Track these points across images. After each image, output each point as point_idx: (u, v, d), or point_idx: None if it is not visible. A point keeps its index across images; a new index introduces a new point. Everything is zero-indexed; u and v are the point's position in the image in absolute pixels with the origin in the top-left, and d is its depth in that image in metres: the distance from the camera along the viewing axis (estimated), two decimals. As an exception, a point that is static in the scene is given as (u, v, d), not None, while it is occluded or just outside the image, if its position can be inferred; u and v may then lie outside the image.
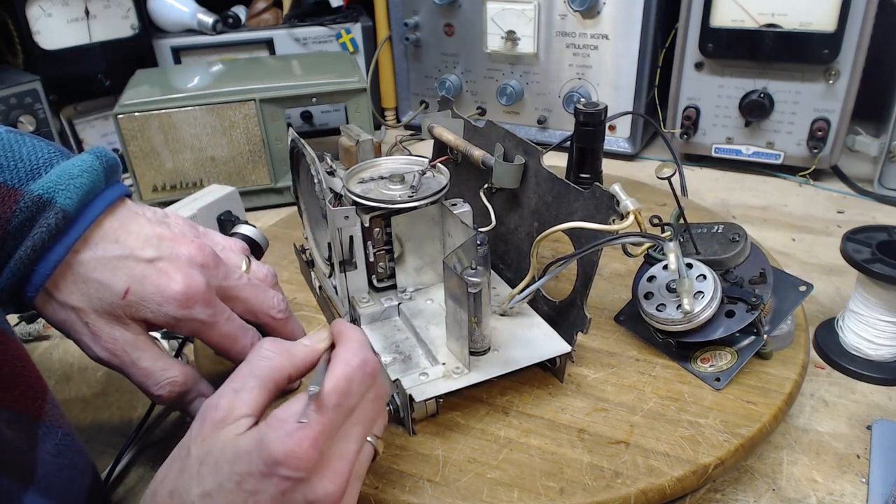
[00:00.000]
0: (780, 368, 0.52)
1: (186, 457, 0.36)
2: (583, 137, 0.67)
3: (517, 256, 0.58)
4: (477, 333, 0.48)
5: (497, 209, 0.59)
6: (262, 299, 0.49)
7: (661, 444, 0.46)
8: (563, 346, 0.50)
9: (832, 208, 0.91)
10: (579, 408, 0.49)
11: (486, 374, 0.48)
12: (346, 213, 0.52)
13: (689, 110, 0.99)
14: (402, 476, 0.44)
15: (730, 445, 0.46)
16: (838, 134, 0.92)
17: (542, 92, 1.09)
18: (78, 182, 0.42)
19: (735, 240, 0.55)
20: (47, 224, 0.40)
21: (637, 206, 0.45)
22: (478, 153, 0.58)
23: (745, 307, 0.51)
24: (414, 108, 1.23)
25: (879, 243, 0.58)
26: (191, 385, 0.46)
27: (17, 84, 0.92)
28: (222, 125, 0.87)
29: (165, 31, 1.14)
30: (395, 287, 0.57)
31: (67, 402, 0.61)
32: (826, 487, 0.50)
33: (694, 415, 0.48)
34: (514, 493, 0.43)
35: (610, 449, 0.46)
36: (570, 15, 1.01)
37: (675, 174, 0.51)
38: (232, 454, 0.34)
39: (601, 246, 0.47)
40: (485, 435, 0.47)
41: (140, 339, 0.44)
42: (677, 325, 0.51)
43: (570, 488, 0.43)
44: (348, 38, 1.16)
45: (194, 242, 0.46)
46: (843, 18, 0.85)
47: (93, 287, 0.42)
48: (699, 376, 0.52)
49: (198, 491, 0.34)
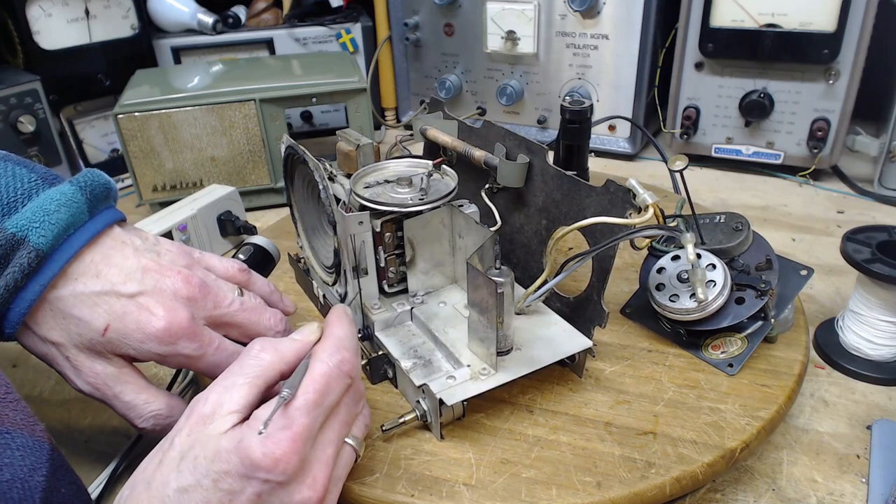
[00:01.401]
0: (785, 351, 0.54)
1: (168, 448, 0.36)
2: (569, 135, 0.67)
3: (524, 255, 0.58)
4: (500, 333, 0.48)
5: (500, 209, 0.59)
6: (258, 322, 0.48)
7: (687, 432, 0.47)
8: (585, 342, 0.50)
9: (832, 208, 0.91)
10: (602, 401, 0.50)
11: (514, 374, 0.47)
12: (360, 218, 0.50)
13: (689, 110, 0.99)
14: (436, 482, 0.44)
15: (752, 428, 0.47)
16: (838, 134, 0.92)
17: (542, 92, 1.09)
18: (54, 218, 0.41)
19: (738, 228, 0.56)
20: (20, 264, 0.40)
21: (655, 199, 0.46)
22: (479, 153, 0.58)
23: (755, 293, 0.52)
24: (414, 108, 1.23)
25: (879, 243, 0.58)
26: (176, 416, 0.45)
27: (17, 84, 0.92)
28: (222, 125, 0.87)
29: (165, 31, 1.14)
30: (405, 291, 0.56)
31: (67, 402, 0.61)
32: (826, 487, 0.50)
33: (713, 401, 0.49)
34: (553, 490, 0.43)
35: (639, 440, 0.47)
36: (570, 15, 1.01)
37: (686, 167, 0.51)
38: (212, 452, 0.34)
39: (620, 240, 0.48)
40: (513, 435, 0.47)
41: (123, 373, 0.44)
42: (692, 315, 0.52)
43: (606, 482, 0.43)
44: (348, 38, 1.16)
45: (181, 274, 0.44)
46: (843, 18, 0.85)
47: (72, 323, 0.42)
48: (712, 363, 0.53)
49: (175, 485, 0.34)
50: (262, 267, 0.63)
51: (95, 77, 1.02)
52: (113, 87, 1.02)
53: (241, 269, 0.51)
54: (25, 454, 0.36)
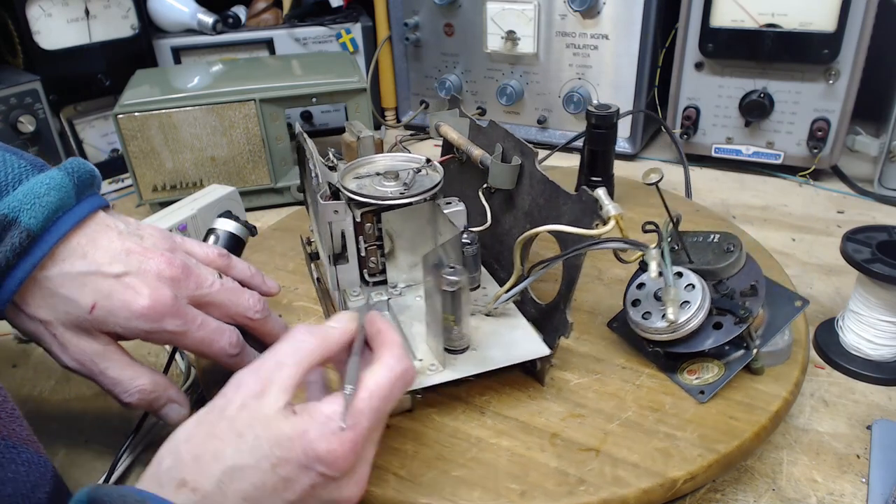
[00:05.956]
0: (770, 385, 0.50)
1: (218, 421, 0.36)
2: (594, 140, 0.67)
3: (511, 257, 0.58)
4: (455, 332, 0.49)
5: (495, 209, 0.59)
6: (238, 303, 0.49)
7: (632, 455, 0.45)
8: (542, 349, 0.50)
9: (832, 208, 0.91)
10: (556, 412, 0.49)
11: (461, 373, 0.48)
12: (335, 207, 0.52)
13: (689, 110, 0.99)
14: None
15: (703, 461, 0.44)
16: (838, 134, 0.92)
17: (542, 92, 1.09)
18: (44, 201, 0.42)
19: (729, 250, 0.53)
20: (11, 243, 0.41)
21: (619, 211, 0.45)
22: (477, 152, 0.58)
23: (734, 319, 0.49)
24: (414, 108, 1.23)
25: (879, 243, 0.58)
26: (160, 392, 0.47)
27: (17, 84, 0.92)
28: (222, 125, 0.87)
29: (165, 31, 1.14)
30: (386, 282, 0.58)
31: (67, 402, 0.61)
32: (826, 487, 0.50)
33: (672, 427, 0.47)
34: (476, 492, 0.43)
35: (579, 456, 0.45)
36: (570, 15, 1.01)
37: (661, 179, 0.50)
38: (274, 436, 0.35)
39: (583, 250, 0.47)
40: (457, 433, 0.48)
41: (108, 350, 0.45)
42: (661, 335, 0.50)
43: (531, 492, 0.43)
44: (348, 38, 1.16)
45: (164, 256, 0.46)
46: (843, 18, 0.85)
47: (60, 302, 0.43)
48: (684, 388, 0.50)
49: (231, 462, 0.34)
50: (235, 250, 0.64)
51: (95, 77, 1.02)
52: (113, 87, 1.02)
53: (220, 254, 0.52)
54: (30, 470, 0.36)
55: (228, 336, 0.48)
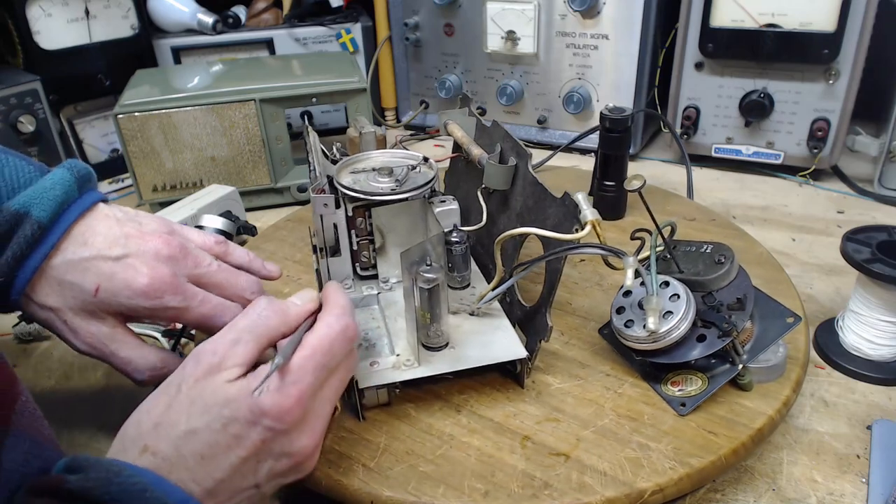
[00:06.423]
0: (757, 401, 0.49)
1: (176, 393, 0.38)
2: (607, 144, 0.66)
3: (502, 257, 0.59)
4: (433, 329, 0.49)
5: (491, 209, 0.59)
6: (235, 283, 0.51)
7: (601, 463, 0.45)
8: (520, 352, 0.50)
9: (832, 208, 0.91)
10: (532, 415, 0.49)
11: (435, 370, 0.49)
12: (325, 200, 0.53)
13: (689, 110, 0.99)
14: (340, 457, 0.46)
15: (673, 473, 0.44)
16: (838, 134, 0.92)
17: (542, 92, 1.09)
18: (51, 194, 0.45)
19: (720, 261, 0.52)
20: (24, 235, 0.44)
21: (596, 216, 0.46)
22: (476, 152, 0.58)
23: (717, 333, 0.48)
24: (414, 108, 1.23)
25: (879, 243, 0.58)
26: (171, 368, 0.48)
27: (17, 84, 0.92)
28: (222, 125, 0.87)
29: (165, 31, 1.14)
30: (377, 276, 0.58)
31: (67, 401, 0.61)
32: (826, 487, 0.50)
33: (647, 437, 0.47)
34: (440, 489, 0.43)
35: (548, 460, 0.45)
36: (570, 15, 1.01)
37: (643, 186, 0.50)
38: (223, 398, 0.37)
39: (561, 254, 0.48)
40: (430, 429, 0.48)
41: (117, 331, 0.48)
42: (641, 344, 0.49)
43: (494, 492, 0.43)
44: (348, 38, 1.17)
45: (161, 237, 0.48)
46: (843, 18, 0.85)
47: (66, 288, 0.46)
48: (666, 399, 0.50)
49: (185, 427, 0.37)
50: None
51: (95, 77, 1.02)
52: (113, 87, 1.02)
53: (217, 241, 0.54)
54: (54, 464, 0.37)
55: (233, 312, 0.49)
